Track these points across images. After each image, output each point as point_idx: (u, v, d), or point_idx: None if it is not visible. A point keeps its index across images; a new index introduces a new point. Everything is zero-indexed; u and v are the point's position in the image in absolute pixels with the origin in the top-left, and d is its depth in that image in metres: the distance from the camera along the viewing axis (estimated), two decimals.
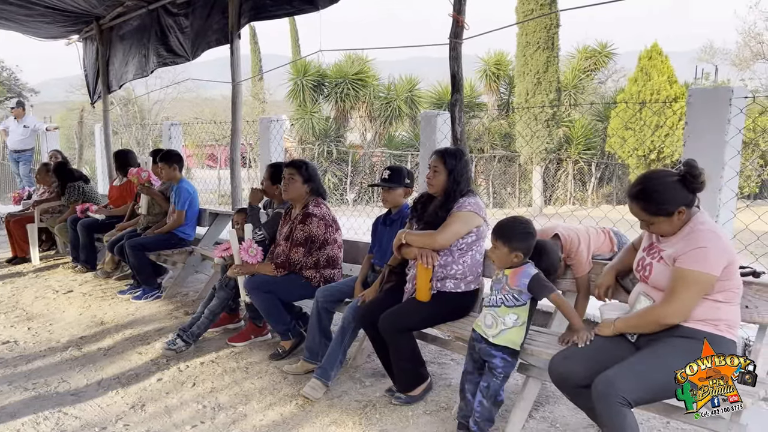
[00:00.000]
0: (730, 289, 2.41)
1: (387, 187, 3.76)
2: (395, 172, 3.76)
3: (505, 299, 2.80)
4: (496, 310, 2.82)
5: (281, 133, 7.00)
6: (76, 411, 3.34)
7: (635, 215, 2.54)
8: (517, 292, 2.78)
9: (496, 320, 2.80)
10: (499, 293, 2.83)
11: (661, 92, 15.20)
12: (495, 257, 2.88)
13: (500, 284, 2.84)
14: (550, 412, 3.23)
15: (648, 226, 2.53)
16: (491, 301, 2.85)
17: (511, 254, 2.80)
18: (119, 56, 8.05)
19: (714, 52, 23.27)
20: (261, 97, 24.82)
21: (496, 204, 17.07)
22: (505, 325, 2.78)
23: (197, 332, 4.22)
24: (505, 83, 19.04)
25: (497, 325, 2.79)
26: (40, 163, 7.95)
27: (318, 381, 3.45)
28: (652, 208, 2.45)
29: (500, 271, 2.88)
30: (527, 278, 2.76)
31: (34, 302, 5.55)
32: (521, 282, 2.77)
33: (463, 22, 4.02)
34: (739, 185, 3.80)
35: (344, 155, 17.67)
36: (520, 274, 2.79)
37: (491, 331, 2.81)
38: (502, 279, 2.85)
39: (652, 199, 2.44)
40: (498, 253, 2.84)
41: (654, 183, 2.46)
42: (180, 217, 5.53)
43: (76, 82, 25.34)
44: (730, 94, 3.48)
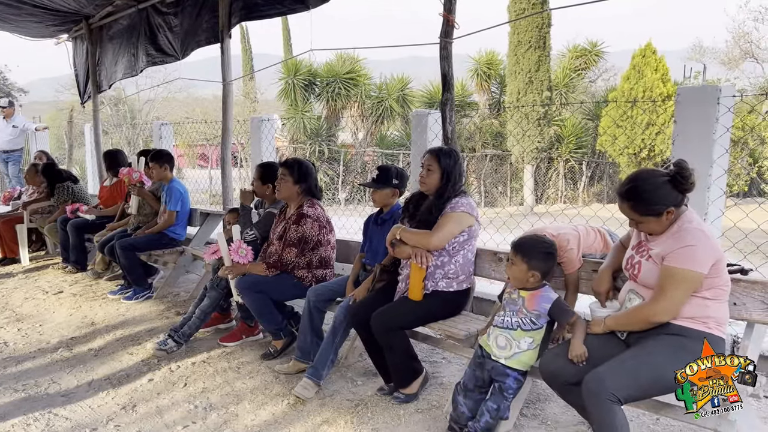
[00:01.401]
0: (718, 287, 2.43)
1: (375, 188, 3.76)
2: (383, 172, 3.75)
3: (521, 323, 2.71)
4: (511, 332, 2.73)
5: (272, 132, 6.98)
6: (66, 412, 3.32)
7: (624, 214, 2.55)
8: (535, 316, 2.70)
9: (510, 343, 2.72)
10: (515, 315, 2.73)
11: (654, 90, 15.27)
12: (511, 274, 2.78)
13: (516, 306, 2.74)
14: (541, 409, 3.25)
15: (637, 224, 2.55)
16: (505, 323, 2.75)
17: (529, 273, 2.71)
18: (109, 55, 8.00)
19: (703, 51, 23.41)
20: (252, 97, 24.73)
21: (488, 203, 17.11)
22: (519, 348, 2.70)
23: (188, 332, 4.21)
24: (496, 82, 19.07)
25: (511, 347, 2.71)
26: (29, 164, 7.89)
27: (309, 380, 3.45)
28: (641, 208, 2.46)
29: (514, 291, 2.79)
30: (548, 303, 2.69)
31: (24, 303, 5.52)
32: (541, 306, 2.69)
33: (453, 21, 4.02)
34: (728, 183, 3.83)
35: (336, 154, 17.65)
36: (539, 298, 2.71)
37: (504, 352, 2.72)
38: (518, 301, 2.75)
39: (641, 199, 2.45)
40: (515, 269, 2.74)
41: (644, 183, 2.47)
42: (171, 217, 5.51)
43: (65, 81, 25.20)
44: (718, 93, 3.50)
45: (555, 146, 17.34)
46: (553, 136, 17.18)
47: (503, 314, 2.78)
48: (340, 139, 19.85)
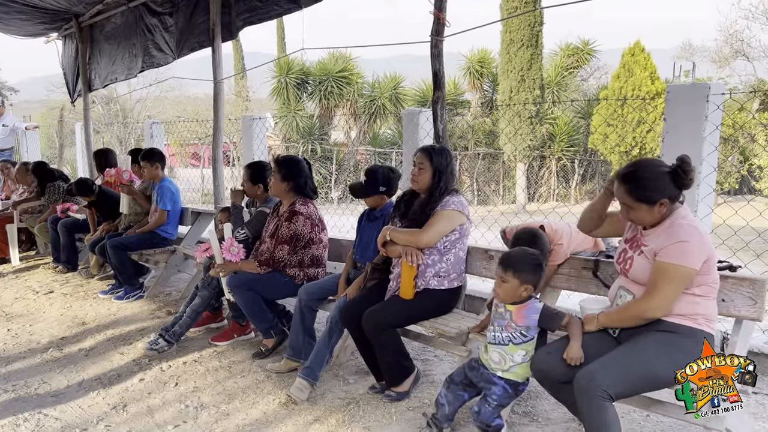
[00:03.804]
0: (708, 284, 2.44)
1: (360, 197, 3.77)
2: (370, 178, 3.71)
3: (512, 337, 2.68)
4: (504, 348, 2.70)
5: (264, 131, 6.97)
6: (56, 412, 3.31)
7: (618, 198, 2.54)
8: (524, 329, 2.67)
9: (504, 358, 2.70)
10: (504, 330, 2.69)
11: (643, 88, 15.35)
12: (502, 291, 2.69)
13: (504, 321, 2.71)
14: (533, 406, 3.26)
15: (628, 211, 2.54)
16: (496, 339, 2.72)
17: (521, 287, 2.65)
18: (105, 56, 7.95)
19: (693, 50, 23.51)
20: (244, 95, 24.67)
21: (480, 201, 17.14)
22: (514, 362, 2.69)
23: (179, 332, 4.20)
24: (488, 81, 19.10)
25: (506, 362, 2.70)
26: (20, 163, 7.83)
27: (304, 381, 3.40)
28: (637, 193, 2.46)
29: (500, 305, 2.74)
30: (536, 313, 2.66)
31: (14, 303, 5.48)
32: (530, 318, 2.66)
33: (444, 19, 4.02)
34: (718, 181, 3.86)
35: (329, 153, 17.64)
36: (527, 310, 2.68)
37: (500, 366, 2.71)
38: (505, 315, 2.71)
39: (640, 184, 2.46)
40: (506, 287, 2.67)
41: (645, 170, 2.47)
42: (162, 216, 5.48)
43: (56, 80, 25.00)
44: (707, 91, 3.52)
45: (547, 144, 17.40)
46: (545, 134, 17.24)
47: (493, 329, 2.76)
48: (333, 137, 19.83)
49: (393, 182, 3.78)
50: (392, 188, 3.79)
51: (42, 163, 7.30)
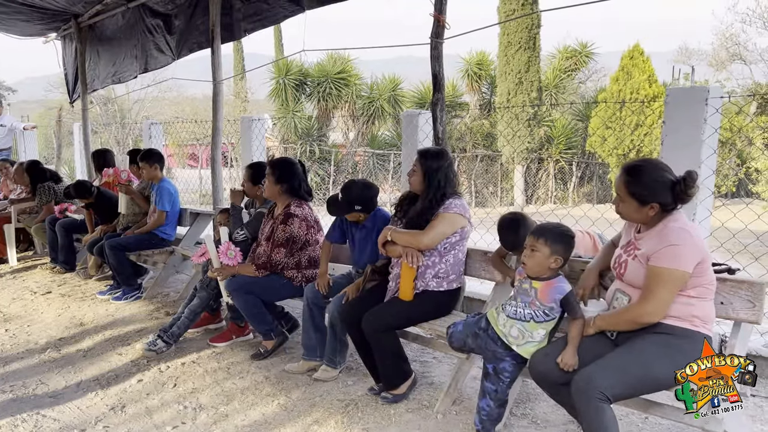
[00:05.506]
0: (703, 285, 2.45)
1: (335, 215, 3.78)
2: (345, 196, 3.65)
3: (534, 314, 2.67)
4: (524, 324, 2.68)
5: (263, 132, 6.96)
6: (54, 413, 3.30)
7: (616, 185, 2.57)
8: (548, 308, 2.66)
9: (523, 334, 2.68)
10: (528, 307, 2.68)
11: (641, 91, 15.38)
12: (531, 261, 2.66)
13: (528, 297, 2.68)
14: (531, 408, 3.26)
15: (618, 202, 2.57)
16: (518, 314, 2.69)
17: (551, 258, 2.63)
18: (105, 56, 7.94)
19: (690, 53, 23.56)
20: (243, 96, 24.67)
21: (478, 203, 17.15)
22: (532, 339, 2.67)
23: (178, 333, 4.19)
24: (486, 83, 19.11)
25: (524, 337, 2.68)
26: (17, 163, 7.82)
27: (327, 366, 3.64)
28: (633, 188, 2.48)
29: (526, 280, 2.72)
30: (561, 294, 2.64)
31: (12, 304, 5.47)
32: (554, 297, 2.64)
33: (444, 21, 4.03)
34: (716, 184, 3.87)
35: (327, 154, 17.63)
36: (553, 289, 2.65)
37: (516, 341, 2.70)
38: (530, 292, 2.68)
39: (640, 179, 2.47)
40: (537, 255, 2.64)
41: (652, 169, 2.49)
42: (161, 217, 5.48)
43: (54, 80, 25.02)
44: (706, 94, 3.53)
45: (545, 147, 17.42)
46: (543, 136, 17.26)
47: (515, 304, 2.73)
48: (331, 139, 19.81)
49: (369, 200, 3.68)
50: (368, 205, 3.68)
51: (35, 162, 7.28)
